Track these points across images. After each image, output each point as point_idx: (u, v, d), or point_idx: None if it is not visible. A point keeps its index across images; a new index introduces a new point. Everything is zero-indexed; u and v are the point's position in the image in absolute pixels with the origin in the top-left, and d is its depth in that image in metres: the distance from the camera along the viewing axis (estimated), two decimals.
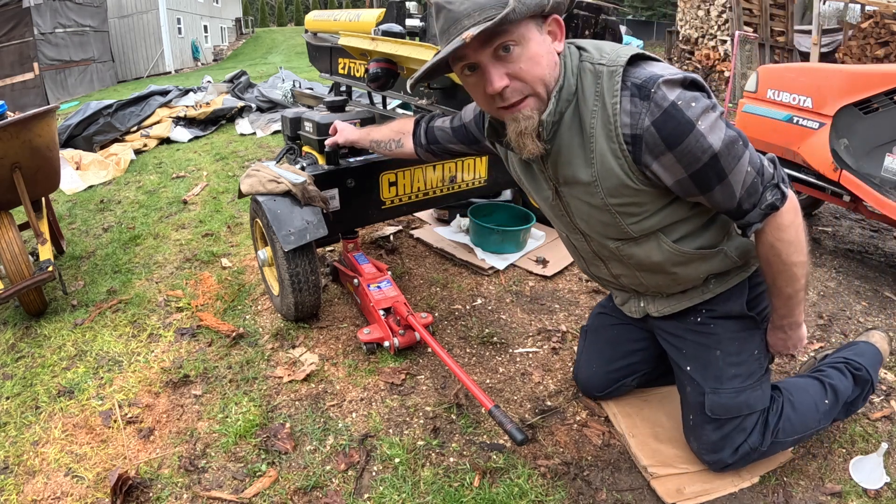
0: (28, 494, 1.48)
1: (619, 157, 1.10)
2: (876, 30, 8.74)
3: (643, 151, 1.07)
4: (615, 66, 1.06)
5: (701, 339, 1.38)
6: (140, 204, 3.83)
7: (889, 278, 2.65)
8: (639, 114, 1.04)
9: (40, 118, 2.35)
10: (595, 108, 1.09)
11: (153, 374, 1.95)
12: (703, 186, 1.09)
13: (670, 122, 1.02)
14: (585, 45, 1.14)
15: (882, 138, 2.40)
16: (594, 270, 1.48)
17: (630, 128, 1.05)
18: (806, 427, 1.42)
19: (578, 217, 1.29)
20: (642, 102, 1.03)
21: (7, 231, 2.30)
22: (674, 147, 1.04)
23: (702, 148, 1.04)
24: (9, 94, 11.30)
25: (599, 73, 1.08)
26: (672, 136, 1.03)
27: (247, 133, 5.69)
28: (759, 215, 1.12)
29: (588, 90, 1.10)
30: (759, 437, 1.36)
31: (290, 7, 49.37)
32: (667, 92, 1.02)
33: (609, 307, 1.67)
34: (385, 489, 1.44)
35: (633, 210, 1.18)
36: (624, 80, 1.05)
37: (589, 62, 1.10)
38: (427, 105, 2.50)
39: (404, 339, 1.94)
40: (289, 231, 1.92)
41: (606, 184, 1.15)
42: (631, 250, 1.28)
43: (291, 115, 2.69)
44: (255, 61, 17.84)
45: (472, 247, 2.72)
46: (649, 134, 1.04)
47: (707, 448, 1.40)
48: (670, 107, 1.02)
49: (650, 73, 1.04)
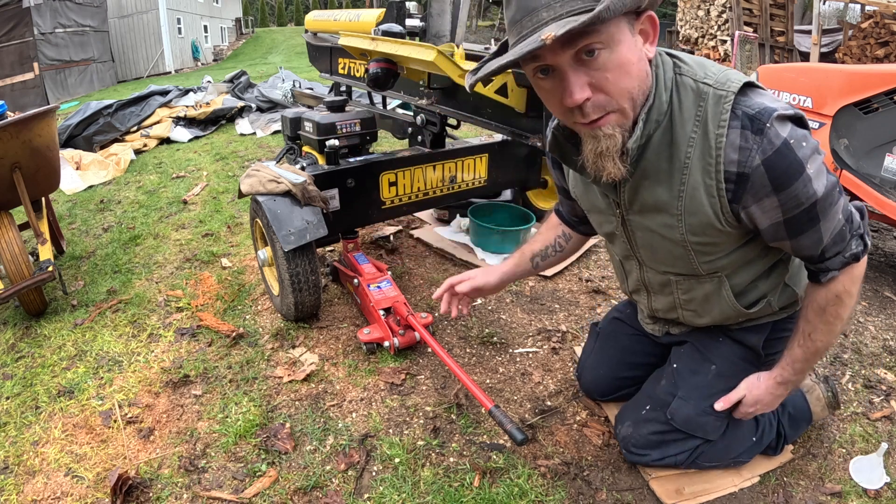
0: (28, 494, 1.48)
1: (713, 195, 0.99)
2: (876, 30, 8.74)
3: (746, 192, 0.97)
4: (725, 91, 0.94)
5: (704, 345, 1.36)
6: (140, 204, 3.83)
7: (889, 278, 2.65)
8: (749, 150, 0.93)
9: (40, 118, 2.35)
10: (693, 136, 0.97)
11: (153, 374, 1.95)
12: (795, 232, 1.01)
13: (782, 163, 0.92)
14: (681, 55, 1.01)
15: (882, 138, 2.40)
16: (635, 295, 1.42)
17: (737, 165, 0.95)
18: (727, 456, 1.40)
19: (642, 246, 1.21)
20: (754, 137, 0.92)
21: (7, 231, 2.30)
22: (781, 190, 0.95)
23: (806, 194, 0.95)
24: (9, 94, 11.31)
25: (703, 95, 0.95)
26: (781, 178, 0.93)
27: (247, 133, 5.69)
28: (840, 263, 1.05)
29: (686, 112, 0.97)
30: (685, 457, 1.35)
31: (290, 7, 49.37)
32: (779, 128, 0.92)
33: (626, 314, 1.61)
34: (385, 489, 1.44)
35: (709, 249, 1.10)
36: (734, 108, 0.93)
37: (690, 78, 0.97)
38: (427, 105, 2.50)
39: (404, 339, 1.94)
40: (289, 231, 1.92)
41: (691, 220, 1.05)
42: (689, 287, 1.22)
43: (291, 115, 2.70)
44: (255, 61, 17.84)
45: (472, 247, 2.72)
46: (758, 174, 0.94)
47: (640, 441, 1.38)
48: (783, 145, 0.92)
49: (763, 105, 0.93)
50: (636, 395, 1.49)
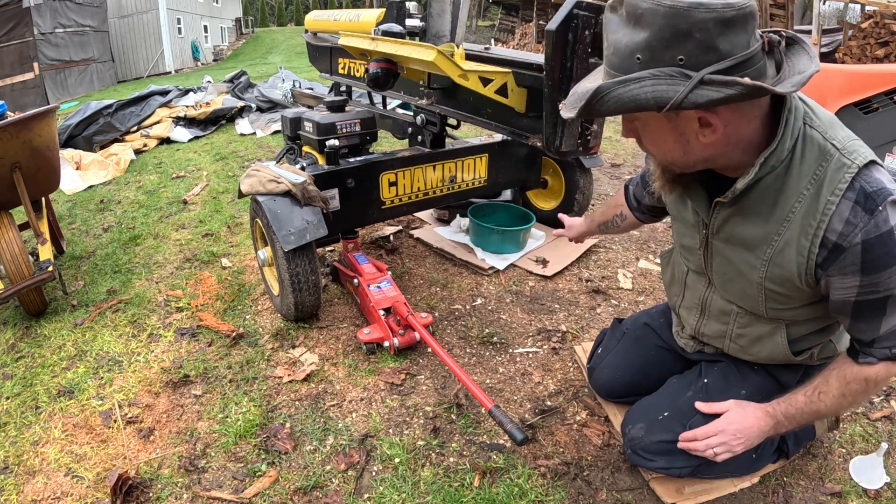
0: (28, 494, 1.48)
1: (803, 255, 1.00)
2: (876, 30, 8.74)
3: (835, 263, 0.97)
4: (850, 161, 0.93)
5: (739, 369, 1.34)
6: (140, 204, 3.83)
7: None
8: (855, 226, 0.92)
9: (40, 118, 2.35)
10: (805, 193, 0.96)
11: (153, 374, 1.95)
12: (858, 315, 1.02)
13: (880, 249, 0.92)
14: (812, 104, 0.99)
15: (882, 138, 2.40)
16: (683, 312, 1.40)
17: (837, 236, 0.94)
18: (726, 471, 1.39)
19: (717, 272, 1.21)
20: (863, 215, 0.92)
21: (7, 231, 2.30)
22: (867, 273, 0.95)
23: (887, 286, 0.96)
24: (9, 94, 11.32)
25: (828, 156, 0.94)
26: (873, 262, 0.94)
27: (247, 133, 5.69)
28: (883, 356, 1.05)
29: (806, 167, 0.96)
30: (689, 471, 1.34)
31: (290, 7, 49.38)
32: (891, 213, 0.91)
33: (658, 324, 1.58)
34: (385, 489, 1.44)
35: (781, 299, 1.12)
36: (854, 180, 0.92)
37: (819, 133, 0.96)
38: (427, 105, 2.50)
39: (404, 339, 1.94)
40: (289, 231, 1.92)
41: (774, 270, 1.06)
42: (747, 322, 1.23)
43: (291, 115, 2.70)
44: (255, 61, 17.84)
45: (472, 247, 2.72)
46: (854, 251, 0.94)
47: (649, 446, 1.36)
48: (888, 233, 0.91)
49: (882, 185, 0.92)
50: (652, 399, 1.45)
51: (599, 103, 0.86)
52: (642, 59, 0.83)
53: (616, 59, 0.87)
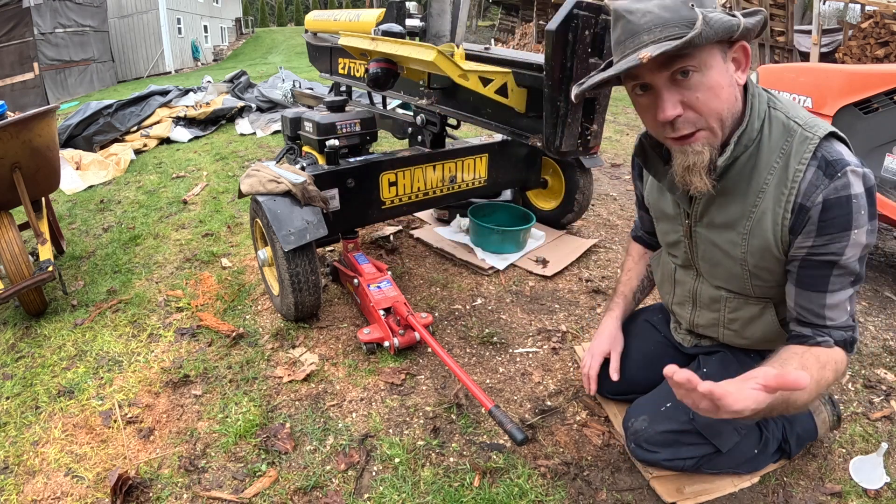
0: (28, 494, 1.48)
1: (777, 223, 1.07)
2: (876, 30, 8.75)
3: (800, 224, 1.04)
4: (812, 133, 1.02)
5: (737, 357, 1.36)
6: (140, 204, 3.83)
7: (889, 278, 2.65)
8: (817, 187, 1.00)
9: (40, 118, 2.35)
10: (775, 166, 1.05)
11: (153, 374, 1.95)
12: (803, 278, 1.07)
13: (837, 210, 0.99)
14: (773, 91, 1.10)
15: (882, 138, 2.40)
16: (677, 308, 1.45)
17: (803, 198, 1.02)
18: (729, 465, 1.40)
19: (703, 259, 1.26)
20: (825, 179, 1.00)
21: (7, 231, 2.30)
22: (821, 234, 1.02)
23: (836, 250, 1.02)
24: (9, 94, 11.32)
25: (792, 132, 1.04)
26: (828, 224, 1.00)
27: (247, 133, 5.69)
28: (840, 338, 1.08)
29: (774, 143, 1.05)
30: (693, 463, 1.35)
31: (290, 7, 49.39)
32: (852, 181, 0.98)
33: (657, 320, 1.62)
34: (385, 489, 1.44)
35: (764, 275, 1.16)
36: (816, 150, 1.01)
37: (783, 113, 1.05)
38: (427, 105, 2.50)
39: (404, 339, 1.94)
40: (289, 231, 1.92)
41: (754, 242, 1.12)
42: (737, 306, 1.26)
43: (291, 115, 2.70)
44: (255, 61, 17.84)
45: (472, 247, 2.72)
46: (815, 210, 1.01)
47: (653, 437, 1.36)
48: (846, 198, 0.99)
49: (842, 156, 1.00)
50: (653, 393, 1.46)
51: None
52: (695, 2, 0.93)
53: (666, 15, 0.94)
